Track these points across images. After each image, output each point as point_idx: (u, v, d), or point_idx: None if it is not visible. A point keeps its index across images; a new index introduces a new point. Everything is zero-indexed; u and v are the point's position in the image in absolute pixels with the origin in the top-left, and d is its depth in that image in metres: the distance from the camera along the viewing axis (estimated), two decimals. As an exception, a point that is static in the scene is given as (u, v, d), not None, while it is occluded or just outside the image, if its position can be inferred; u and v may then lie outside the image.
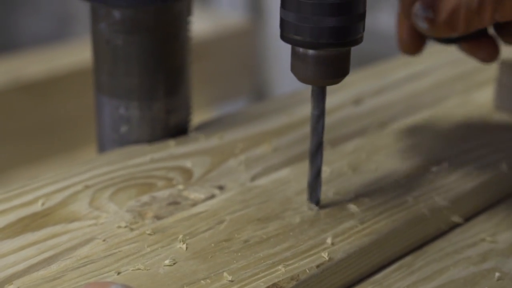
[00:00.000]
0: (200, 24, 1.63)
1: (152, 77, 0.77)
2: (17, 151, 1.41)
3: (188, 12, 0.79)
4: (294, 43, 0.63)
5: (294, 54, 0.64)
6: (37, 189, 0.70)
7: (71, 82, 1.44)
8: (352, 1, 0.61)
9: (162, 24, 0.76)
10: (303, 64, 0.63)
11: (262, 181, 0.72)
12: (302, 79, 0.64)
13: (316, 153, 0.67)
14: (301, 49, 0.63)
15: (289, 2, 0.61)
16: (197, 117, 0.86)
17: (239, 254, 0.62)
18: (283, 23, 0.63)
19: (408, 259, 0.67)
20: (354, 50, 0.65)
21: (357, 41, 0.63)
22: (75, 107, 1.45)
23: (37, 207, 0.67)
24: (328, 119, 0.84)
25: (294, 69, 0.64)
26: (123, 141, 0.79)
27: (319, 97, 0.65)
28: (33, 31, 2.43)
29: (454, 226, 0.72)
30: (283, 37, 0.63)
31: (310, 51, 0.63)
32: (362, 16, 0.62)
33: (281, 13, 0.63)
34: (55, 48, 1.56)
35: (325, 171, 0.73)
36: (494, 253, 0.68)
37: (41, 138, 1.43)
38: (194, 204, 0.69)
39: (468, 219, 0.73)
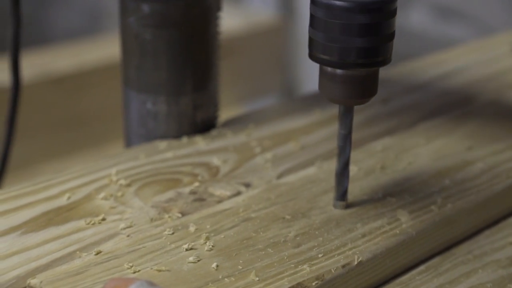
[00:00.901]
0: (231, 21, 1.63)
1: (180, 72, 0.76)
2: (46, 145, 1.42)
3: (217, 7, 0.78)
4: (322, 63, 0.62)
5: (322, 73, 0.63)
6: (63, 183, 0.70)
7: (101, 77, 1.44)
8: (381, 21, 0.60)
9: (191, 19, 0.75)
10: (331, 84, 0.63)
11: (289, 179, 0.72)
12: (330, 98, 0.64)
13: (343, 173, 0.66)
14: (329, 69, 0.63)
15: (318, 21, 0.61)
16: (227, 114, 0.85)
17: (264, 252, 0.61)
18: (311, 42, 0.62)
19: (435, 260, 0.66)
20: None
21: (385, 61, 0.62)
22: (104, 101, 1.45)
23: (63, 201, 0.67)
24: (357, 118, 0.83)
25: (322, 88, 0.64)
26: (150, 136, 0.78)
27: (347, 117, 0.65)
28: (65, 25, 2.43)
29: (484, 228, 0.71)
30: (311, 56, 0.62)
31: (338, 71, 0.62)
32: (391, 36, 0.62)
33: (309, 32, 0.62)
34: (85, 43, 1.56)
35: (353, 169, 0.72)
36: (523, 257, 0.67)
37: (70, 132, 1.44)
38: (220, 201, 0.68)
39: (498, 221, 0.72)
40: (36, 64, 1.42)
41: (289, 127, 0.81)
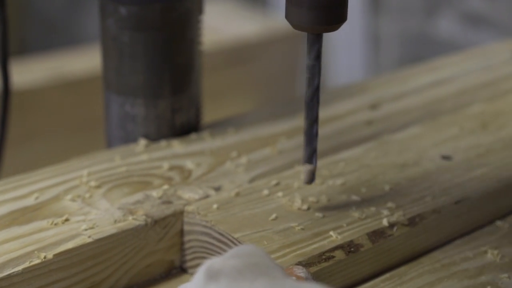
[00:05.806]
0: (251, 28, 1.63)
1: (158, 75, 0.76)
2: (58, 148, 1.42)
3: (198, 11, 0.78)
4: None
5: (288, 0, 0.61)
6: (34, 183, 0.70)
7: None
8: None
9: (169, 22, 0.75)
10: (298, 10, 0.60)
11: (260, 183, 0.71)
12: (297, 26, 0.61)
13: (312, 100, 0.64)
14: None
15: None
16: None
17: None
18: None
19: (401, 269, 0.65)
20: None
21: None
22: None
23: (30, 201, 0.67)
24: (340, 123, 0.82)
25: (288, 16, 0.61)
26: (129, 139, 0.78)
27: (314, 45, 0.62)
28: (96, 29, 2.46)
29: (457, 237, 0.69)
30: None
31: None
32: None
33: None
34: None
35: (316, 182, 0.71)
36: (492, 267, 0.65)
37: (83, 135, 1.44)
38: (187, 204, 0.68)
39: (473, 230, 0.71)
40: (51, 67, 1.43)
41: (270, 132, 0.80)
